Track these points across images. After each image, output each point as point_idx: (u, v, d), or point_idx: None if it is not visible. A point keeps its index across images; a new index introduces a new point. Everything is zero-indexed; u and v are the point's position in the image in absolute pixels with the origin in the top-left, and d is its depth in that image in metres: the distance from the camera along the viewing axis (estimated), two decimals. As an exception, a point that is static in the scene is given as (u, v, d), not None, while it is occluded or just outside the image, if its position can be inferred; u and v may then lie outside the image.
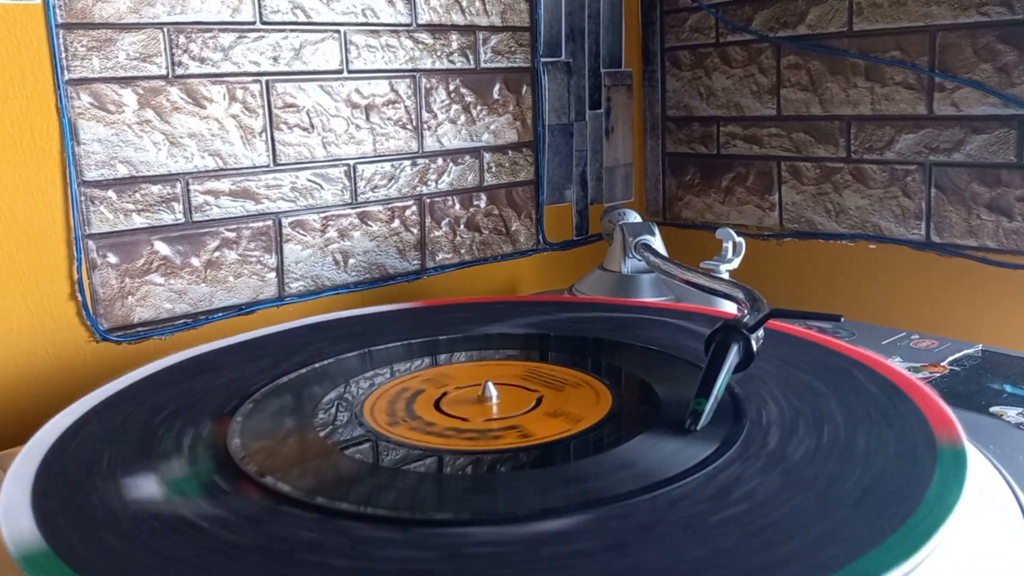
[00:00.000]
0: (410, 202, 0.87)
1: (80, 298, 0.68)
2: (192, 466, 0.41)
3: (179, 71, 0.71)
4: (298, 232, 0.80)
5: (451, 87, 0.89)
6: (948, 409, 0.44)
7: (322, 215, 0.81)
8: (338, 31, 0.80)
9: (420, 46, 0.86)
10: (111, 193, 0.69)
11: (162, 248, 0.72)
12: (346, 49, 0.80)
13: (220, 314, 0.76)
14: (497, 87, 0.93)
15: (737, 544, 0.32)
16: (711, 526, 0.34)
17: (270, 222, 0.78)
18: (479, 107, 0.91)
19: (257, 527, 0.35)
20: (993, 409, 0.54)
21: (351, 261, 0.83)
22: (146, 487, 0.39)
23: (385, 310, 0.69)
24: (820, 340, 0.57)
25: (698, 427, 0.42)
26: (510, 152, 0.95)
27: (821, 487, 0.37)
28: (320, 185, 0.80)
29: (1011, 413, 0.53)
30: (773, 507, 0.35)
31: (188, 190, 0.73)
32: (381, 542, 0.34)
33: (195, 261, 0.74)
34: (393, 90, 0.84)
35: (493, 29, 0.91)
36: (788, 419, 0.44)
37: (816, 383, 0.49)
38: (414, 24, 0.85)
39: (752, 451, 0.40)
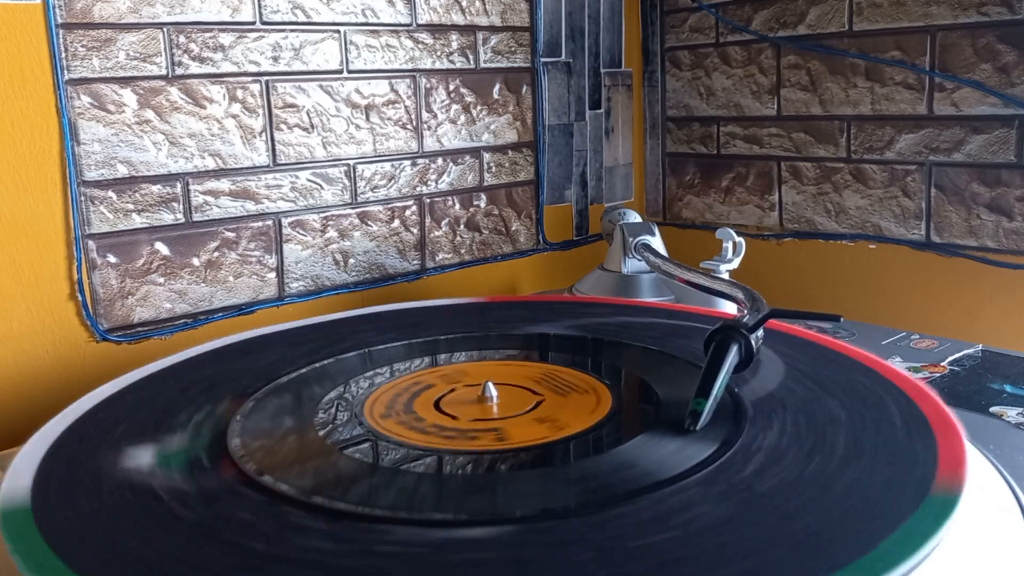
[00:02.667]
0: (410, 202, 0.87)
1: (80, 298, 0.68)
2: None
3: (179, 71, 0.71)
4: (298, 232, 0.80)
5: (451, 87, 0.89)
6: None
7: (322, 215, 0.81)
8: (338, 31, 0.80)
9: (420, 46, 0.86)
10: (111, 193, 0.69)
11: (162, 248, 0.72)
12: (346, 49, 0.81)
13: (220, 314, 0.76)
14: (497, 87, 0.93)
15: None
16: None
17: (270, 222, 0.78)
18: (479, 107, 0.91)
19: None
20: (993, 409, 0.54)
21: (351, 261, 0.83)
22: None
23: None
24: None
25: (697, 427, 0.42)
26: (510, 152, 0.95)
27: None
28: (320, 185, 0.80)
29: (1011, 413, 0.53)
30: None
31: (188, 190, 0.73)
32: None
33: (195, 261, 0.74)
34: (393, 90, 0.84)
35: (493, 29, 0.91)
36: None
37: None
38: (414, 24, 0.85)
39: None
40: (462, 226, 0.92)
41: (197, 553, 0.33)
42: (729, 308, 0.68)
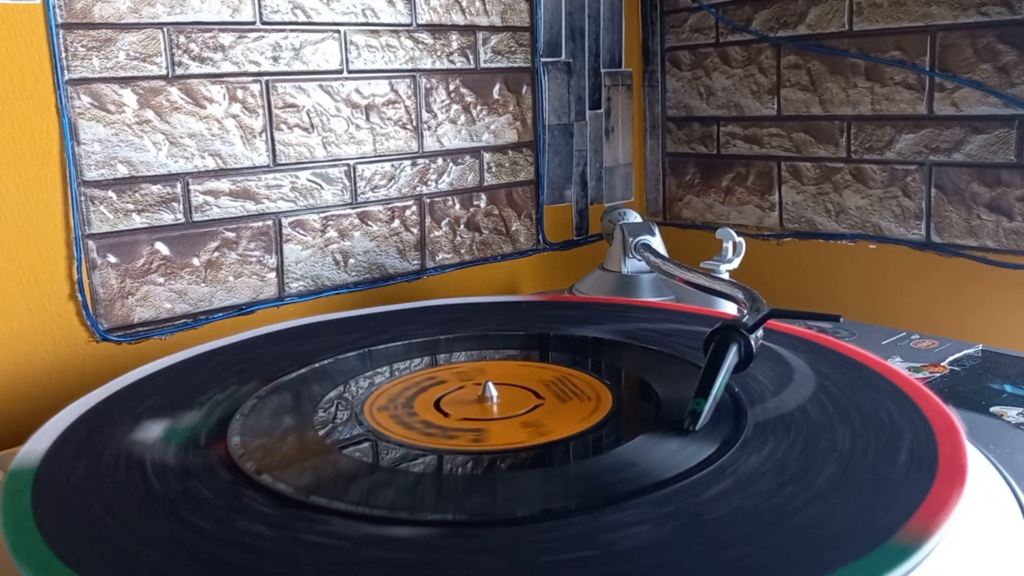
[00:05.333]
0: (410, 202, 0.87)
1: (80, 298, 0.68)
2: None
3: (179, 71, 0.71)
4: (298, 232, 0.80)
5: (451, 87, 0.89)
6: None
7: (322, 215, 0.81)
8: (338, 31, 0.80)
9: (420, 46, 0.86)
10: (111, 193, 0.69)
11: (162, 248, 0.72)
12: (346, 49, 0.80)
13: (220, 314, 0.76)
14: (497, 87, 0.93)
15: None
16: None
17: (270, 222, 0.78)
18: (479, 107, 0.91)
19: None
20: (993, 409, 0.54)
21: (351, 261, 0.83)
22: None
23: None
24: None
25: (697, 427, 0.42)
26: (510, 152, 0.95)
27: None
28: (320, 185, 0.80)
29: (1011, 413, 0.53)
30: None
31: (188, 190, 0.73)
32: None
33: (195, 261, 0.74)
34: (393, 90, 0.84)
35: (493, 29, 0.91)
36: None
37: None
38: (414, 24, 0.85)
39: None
40: (462, 226, 0.92)
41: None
42: (729, 308, 0.68)
